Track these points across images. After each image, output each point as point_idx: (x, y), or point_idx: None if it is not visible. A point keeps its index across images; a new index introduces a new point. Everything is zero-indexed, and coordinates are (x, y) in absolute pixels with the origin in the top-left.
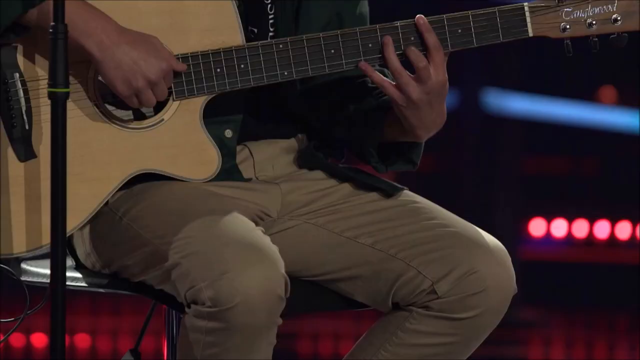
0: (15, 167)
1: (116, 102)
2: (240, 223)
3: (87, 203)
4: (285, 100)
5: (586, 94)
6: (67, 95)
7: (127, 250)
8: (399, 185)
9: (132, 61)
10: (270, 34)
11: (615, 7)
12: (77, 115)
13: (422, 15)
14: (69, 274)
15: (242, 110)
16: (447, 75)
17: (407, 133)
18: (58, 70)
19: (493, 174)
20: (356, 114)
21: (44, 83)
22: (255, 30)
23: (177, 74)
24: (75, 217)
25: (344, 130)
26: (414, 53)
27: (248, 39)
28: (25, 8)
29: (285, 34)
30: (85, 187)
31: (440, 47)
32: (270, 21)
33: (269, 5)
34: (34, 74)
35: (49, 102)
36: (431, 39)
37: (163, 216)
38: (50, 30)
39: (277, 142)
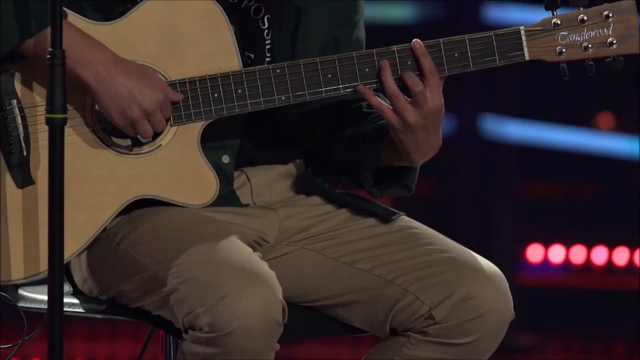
0: (14, 194)
1: (114, 127)
2: (237, 249)
3: (85, 229)
4: (283, 125)
5: (584, 120)
6: (64, 121)
7: (125, 276)
8: (397, 211)
9: (128, 91)
10: (267, 59)
11: (611, 31)
12: (75, 141)
13: (419, 40)
14: (66, 299)
15: (239, 136)
16: (443, 100)
17: (402, 157)
18: (55, 97)
19: (490, 199)
20: (353, 137)
21: (41, 109)
22: (252, 56)
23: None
24: (73, 244)
25: (340, 154)
26: (411, 77)
27: (245, 65)
28: (22, 37)
29: (282, 59)
30: (83, 214)
31: (436, 72)
32: (267, 47)
33: (266, 31)
34: (32, 100)
35: (46, 128)
36: (427, 63)
37: (161, 242)
38: (48, 56)
39: (274, 167)
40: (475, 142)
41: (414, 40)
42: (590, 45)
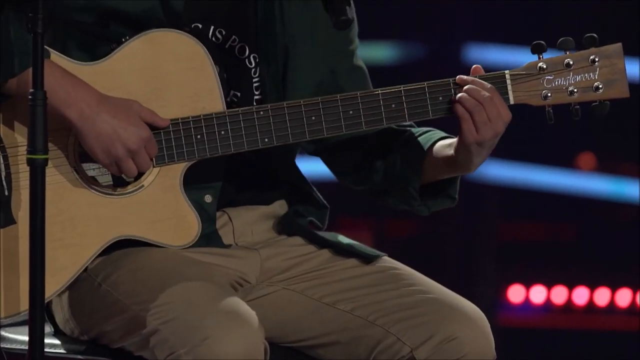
0: None
1: (97, 167)
2: (219, 290)
3: (66, 269)
4: (268, 165)
5: (565, 161)
6: (45, 161)
7: (107, 316)
8: (379, 252)
9: (112, 130)
10: (256, 97)
11: (597, 75)
12: (57, 181)
13: (460, 75)
14: (47, 340)
15: (222, 176)
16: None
17: (458, 167)
18: (37, 137)
19: (472, 240)
20: (391, 160)
21: (23, 149)
22: (239, 94)
23: (158, 140)
24: (55, 283)
25: (378, 178)
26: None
27: (231, 103)
28: (4, 77)
29: (273, 97)
30: (64, 253)
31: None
32: (255, 84)
33: (253, 70)
34: (14, 140)
35: (28, 168)
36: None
37: (142, 282)
38: (30, 97)
39: (256, 208)
40: None
41: (458, 76)
42: (576, 90)
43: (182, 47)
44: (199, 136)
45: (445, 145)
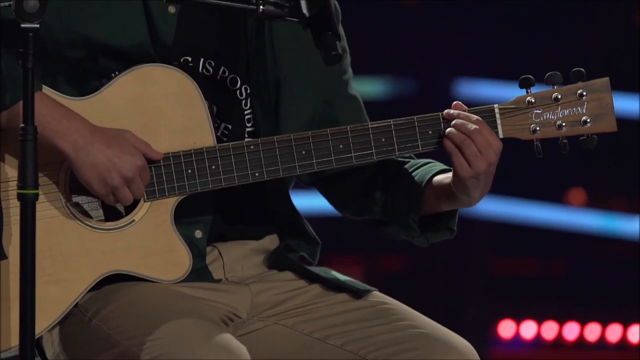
0: None
1: (88, 202)
2: (210, 324)
3: (56, 304)
4: (259, 199)
5: (555, 196)
6: (36, 196)
7: (97, 351)
8: (369, 287)
9: (107, 159)
10: (248, 129)
11: (585, 109)
12: (49, 216)
13: (448, 110)
14: None
15: (212, 211)
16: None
17: (457, 201)
18: (27, 172)
19: (462, 274)
20: (391, 192)
21: (13, 184)
22: (230, 127)
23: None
24: (45, 319)
25: (377, 210)
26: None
27: (223, 136)
28: None
29: (266, 129)
30: (55, 289)
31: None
32: (247, 116)
33: (244, 102)
34: (5, 174)
35: (19, 202)
36: (471, 116)
37: (133, 317)
38: (20, 132)
39: (247, 243)
40: None
41: (445, 111)
42: (564, 124)
43: (172, 82)
44: (189, 170)
45: (445, 178)
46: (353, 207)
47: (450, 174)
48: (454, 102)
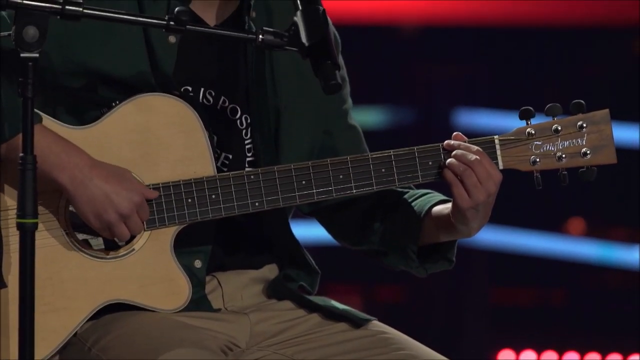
0: None
1: (88, 231)
2: (209, 354)
3: (56, 333)
4: (259, 228)
5: (554, 225)
6: (35, 226)
7: None
8: (368, 316)
9: (104, 195)
10: (249, 158)
11: (584, 141)
12: (48, 244)
13: (448, 141)
14: None
15: (211, 241)
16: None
17: (457, 231)
18: (26, 201)
19: (462, 304)
20: (390, 222)
21: (13, 212)
22: (230, 156)
23: (149, 204)
24: (44, 348)
25: (375, 240)
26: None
27: (223, 166)
28: None
29: (266, 159)
30: (54, 318)
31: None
32: (247, 146)
33: (244, 131)
34: (4, 203)
35: (18, 231)
36: (472, 146)
37: (132, 347)
38: (19, 161)
39: (246, 272)
40: None
41: (445, 142)
42: (564, 155)
43: (173, 111)
44: (189, 200)
45: (444, 209)
46: (352, 237)
47: (449, 205)
48: (454, 133)
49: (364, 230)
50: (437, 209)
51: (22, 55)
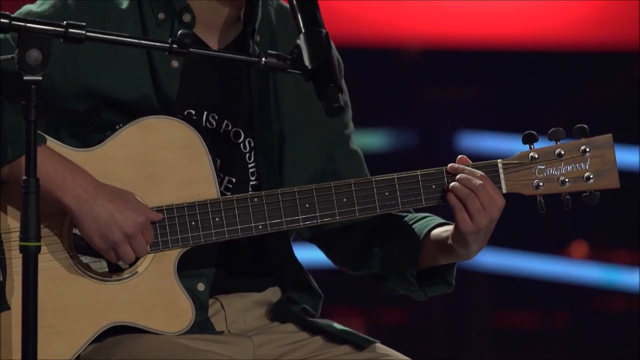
0: None
1: (91, 253)
2: None
3: (59, 356)
4: (262, 251)
5: (557, 249)
6: (38, 249)
7: None
8: (371, 339)
9: (109, 214)
10: (252, 182)
11: (588, 166)
12: (52, 267)
13: (452, 164)
14: None
15: (215, 264)
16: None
17: (456, 254)
18: (29, 224)
19: (464, 327)
20: (388, 246)
21: (16, 235)
22: (234, 180)
23: (153, 227)
24: None
25: (375, 264)
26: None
27: (227, 190)
28: None
29: (270, 182)
30: (57, 340)
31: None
32: (251, 170)
33: (247, 155)
34: (7, 226)
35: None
36: (475, 171)
37: None
38: (22, 184)
39: (249, 295)
40: None
41: (449, 165)
42: (567, 180)
43: (176, 134)
44: (193, 223)
45: (443, 232)
46: (352, 262)
47: (447, 228)
48: (459, 157)
49: (363, 255)
50: (436, 232)
51: (25, 78)
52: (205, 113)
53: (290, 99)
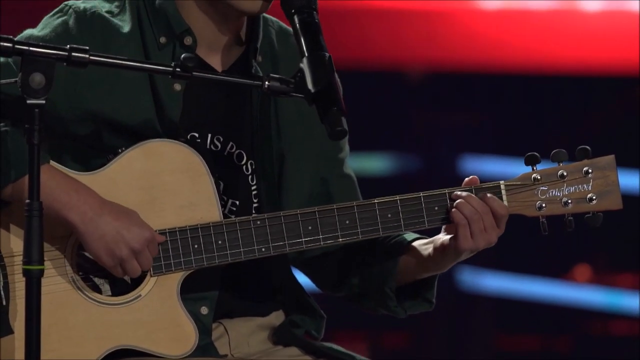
0: None
1: (95, 276)
2: None
3: None
4: (265, 274)
5: (560, 272)
6: (41, 272)
7: None
8: None
9: (115, 231)
10: (255, 204)
11: (590, 187)
12: (55, 290)
13: (455, 192)
14: None
15: (218, 287)
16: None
17: (429, 269)
18: (33, 248)
19: (467, 351)
20: (367, 263)
21: (19, 259)
22: (237, 202)
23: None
24: None
25: (355, 281)
26: (496, 201)
27: (231, 213)
28: (1, 184)
29: (270, 204)
30: None
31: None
32: (253, 192)
33: (250, 177)
34: (10, 249)
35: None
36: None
37: None
38: (26, 207)
39: (253, 319)
40: (451, 294)
41: (454, 193)
42: (570, 201)
43: (179, 157)
44: (196, 246)
45: (422, 244)
46: (332, 282)
47: (427, 240)
48: (471, 177)
49: (343, 275)
50: (417, 244)
51: (28, 101)
52: (210, 135)
53: (290, 118)
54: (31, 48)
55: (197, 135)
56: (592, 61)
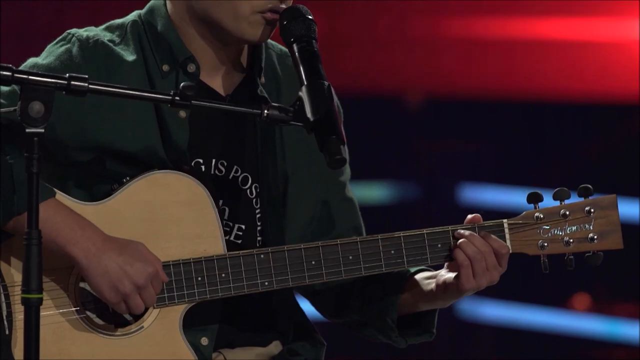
0: None
1: (98, 307)
2: None
3: None
4: (266, 305)
5: (560, 301)
6: (40, 301)
7: None
8: None
9: (119, 267)
10: (259, 227)
11: (592, 226)
12: (58, 321)
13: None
14: None
15: (219, 318)
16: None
17: (433, 303)
18: (31, 277)
19: None
20: (368, 293)
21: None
22: (243, 227)
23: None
24: None
25: (355, 310)
26: (498, 242)
27: (237, 238)
28: (6, 218)
29: (272, 227)
30: None
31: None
32: (258, 215)
33: (254, 200)
34: (13, 279)
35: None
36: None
37: None
38: (24, 236)
39: (253, 349)
40: (450, 323)
41: (457, 232)
42: (571, 240)
43: (184, 189)
44: (199, 278)
45: (425, 278)
46: (333, 309)
47: (429, 274)
48: (474, 215)
49: (345, 304)
50: (419, 277)
51: (27, 130)
52: (214, 160)
53: (294, 141)
54: (30, 77)
55: (201, 161)
56: (592, 90)
